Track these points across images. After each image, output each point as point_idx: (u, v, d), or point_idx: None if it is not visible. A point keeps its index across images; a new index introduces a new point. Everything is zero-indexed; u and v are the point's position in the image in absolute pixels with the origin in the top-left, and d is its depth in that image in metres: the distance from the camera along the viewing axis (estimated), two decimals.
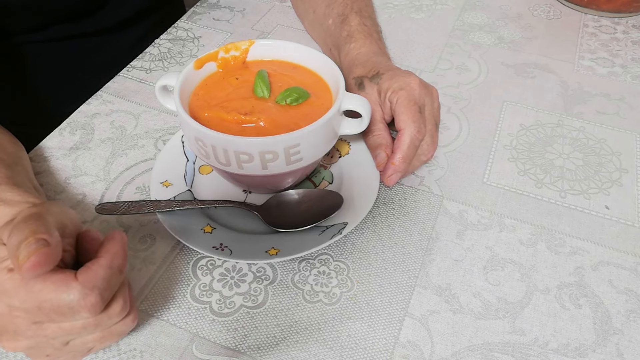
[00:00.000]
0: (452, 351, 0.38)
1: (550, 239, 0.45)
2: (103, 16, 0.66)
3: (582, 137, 0.54)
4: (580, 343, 0.39)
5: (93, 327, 0.31)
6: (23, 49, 0.64)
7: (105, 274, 0.30)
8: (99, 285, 0.30)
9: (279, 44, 0.48)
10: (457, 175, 0.50)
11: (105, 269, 0.30)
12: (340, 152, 0.50)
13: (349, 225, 0.43)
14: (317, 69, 0.47)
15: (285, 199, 0.45)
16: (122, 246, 0.32)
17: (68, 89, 0.68)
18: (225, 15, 0.71)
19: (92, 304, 0.29)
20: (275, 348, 0.38)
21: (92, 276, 0.30)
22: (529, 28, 0.70)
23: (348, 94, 0.43)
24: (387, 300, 0.41)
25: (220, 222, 0.44)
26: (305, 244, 0.41)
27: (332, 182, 0.48)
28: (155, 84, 0.46)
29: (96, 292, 0.29)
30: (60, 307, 0.29)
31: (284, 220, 0.43)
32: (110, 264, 0.31)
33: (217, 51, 0.47)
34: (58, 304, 0.29)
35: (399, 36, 0.67)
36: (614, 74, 0.63)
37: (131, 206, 0.43)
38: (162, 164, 0.48)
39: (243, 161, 0.40)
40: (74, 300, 0.29)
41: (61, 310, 0.29)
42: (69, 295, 0.29)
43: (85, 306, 0.29)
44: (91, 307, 0.29)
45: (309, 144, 0.40)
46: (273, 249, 0.41)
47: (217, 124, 0.42)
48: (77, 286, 0.29)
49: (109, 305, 0.31)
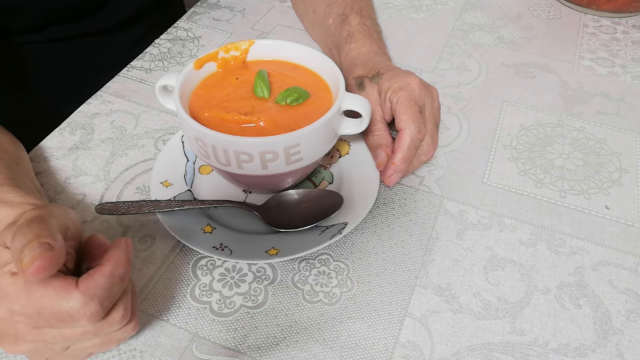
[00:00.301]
0: (452, 351, 0.38)
1: (550, 239, 0.45)
2: (103, 16, 0.66)
3: (582, 137, 0.54)
4: (580, 343, 0.39)
5: (92, 335, 0.31)
6: (23, 49, 0.64)
7: (106, 283, 0.30)
8: (99, 294, 0.30)
9: (279, 44, 0.48)
10: (457, 175, 0.50)
11: (107, 277, 0.30)
12: (340, 152, 0.50)
13: (349, 225, 0.43)
14: (317, 69, 0.47)
15: (285, 199, 0.45)
16: (126, 254, 0.32)
17: (68, 89, 0.68)
18: (225, 15, 0.71)
19: (92, 312, 0.29)
20: (275, 348, 0.38)
21: (92, 285, 0.30)
22: (529, 28, 0.70)
23: (348, 94, 0.43)
24: (387, 300, 0.41)
25: (220, 222, 0.44)
26: (306, 244, 0.41)
27: (332, 182, 0.48)
28: (155, 84, 0.46)
29: (96, 300, 0.29)
30: (60, 314, 0.29)
31: (284, 220, 0.43)
32: (112, 272, 0.31)
33: (217, 51, 0.47)
34: (58, 311, 0.29)
35: (399, 36, 0.67)
36: (614, 74, 0.63)
37: (131, 206, 0.43)
38: (162, 164, 0.48)
39: (243, 161, 0.40)
40: (73, 308, 0.29)
41: (61, 317, 0.29)
42: (69, 303, 0.29)
43: (85, 315, 0.29)
44: (90, 316, 0.29)
45: (309, 144, 0.40)
46: (273, 249, 0.41)
47: (217, 124, 0.42)
48: (77, 294, 0.29)
49: (110, 313, 0.31)
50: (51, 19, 0.62)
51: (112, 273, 0.31)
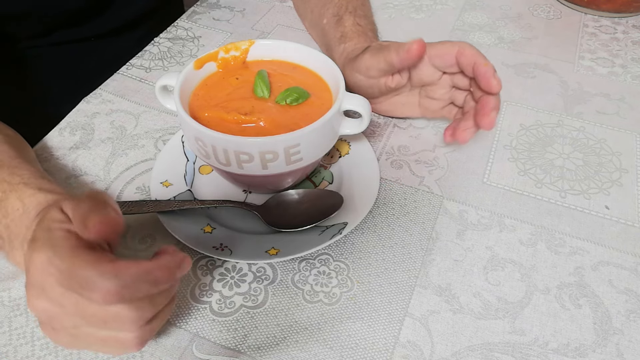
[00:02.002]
0: (452, 351, 0.38)
1: (550, 239, 0.45)
2: (106, 20, 0.66)
3: (582, 137, 0.54)
4: (580, 343, 0.39)
5: (101, 320, 0.31)
6: (25, 53, 0.64)
7: (137, 274, 0.30)
8: (124, 278, 0.29)
9: (279, 44, 0.48)
10: (457, 175, 0.50)
11: (141, 270, 0.30)
12: (340, 152, 0.50)
13: (349, 225, 0.43)
14: (317, 69, 0.47)
15: (285, 199, 0.45)
16: (175, 264, 0.32)
17: (69, 91, 0.67)
18: (225, 15, 0.71)
19: (106, 289, 0.29)
20: (275, 348, 0.38)
21: (123, 267, 0.29)
22: (529, 28, 0.70)
23: (348, 93, 0.43)
24: (387, 300, 0.41)
25: (220, 222, 0.44)
26: (306, 243, 0.41)
27: (332, 182, 0.48)
28: (155, 84, 0.46)
29: (116, 282, 0.29)
30: (82, 278, 0.29)
31: (284, 220, 0.43)
32: (149, 270, 0.30)
33: (217, 51, 0.47)
34: (83, 275, 0.29)
35: (399, 36, 0.67)
36: (614, 74, 0.63)
37: (131, 206, 0.43)
38: (162, 164, 0.48)
39: (243, 161, 0.40)
40: (92, 277, 0.29)
41: (80, 281, 0.29)
42: (92, 271, 0.29)
43: (98, 288, 0.29)
44: (103, 293, 0.29)
45: (309, 143, 0.40)
46: (273, 249, 0.41)
47: (217, 124, 0.42)
48: (103, 267, 0.29)
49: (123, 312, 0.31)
50: (55, 25, 0.62)
51: (149, 271, 0.30)
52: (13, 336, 0.38)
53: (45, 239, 0.31)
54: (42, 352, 0.38)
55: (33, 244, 0.32)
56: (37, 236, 0.32)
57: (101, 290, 0.29)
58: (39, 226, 0.33)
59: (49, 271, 0.30)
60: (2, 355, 0.37)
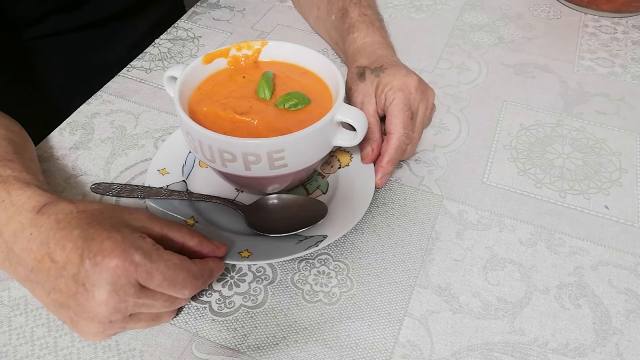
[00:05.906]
0: (451, 351, 0.38)
1: (550, 239, 0.45)
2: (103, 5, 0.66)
3: (582, 137, 0.54)
4: (579, 343, 0.39)
5: (172, 305, 0.37)
6: (25, 46, 0.64)
7: (209, 273, 0.38)
8: (204, 277, 0.37)
9: (292, 47, 0.47)
10: (456, 175, 0.50)
11: (208, 270, 0.38)
12: (340, 162, 0.49)
13: (327, 239, 0.41)
14: (325, 77, 0.46)
15: (271, 203, 0.45)
16: (217, 269, 0.39)
17: (68, 89, 0.68)
18: (225, 15, 0.71)
19: (196, 288, 0.37)
20: (275, 348, 0.38)
21: (201, 268, 0.37)
22: (529, 28, 0.70)
23: (345, 105, 0.41)
24: (386, 300, 0.41)
25: (206, 217, 0.44)
26: (280, 250, 0.41)
27: (326, 192, 0.47)
28: (164, 74, 0.46)
29: (201, 280, 0.37)
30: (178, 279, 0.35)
31: (266, 224, 0.43)
32: (212, 269, 0.38)
33: (229, 48, 0.47)
34: (179, 277, 0.35)
35: (399, 36, 0.67)
36: (614, 74, 0.63)
37: (124, 189, 0.45)
38: (164, 151, 0.48)
39: (226, 160, 0.40)
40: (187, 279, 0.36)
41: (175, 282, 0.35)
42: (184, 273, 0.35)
43: (192, 287, 0.36)
44: (194, 290, 0.37)
45: (295, 150, 0.40)
46: (247, 251, 0.41)
47: (213, 120, 0.42)
48: (191, 268, 0.36)
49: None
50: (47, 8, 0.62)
51: (212, 270, 0.38)
52: (13, 336, 0.38)
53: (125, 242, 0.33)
54: (41, 351, 0.38)
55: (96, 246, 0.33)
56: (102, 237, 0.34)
57: (196, 288, 0.36)
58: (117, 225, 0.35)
59: (138, 243, 0.34)
60: (2, 355, 0.37)
